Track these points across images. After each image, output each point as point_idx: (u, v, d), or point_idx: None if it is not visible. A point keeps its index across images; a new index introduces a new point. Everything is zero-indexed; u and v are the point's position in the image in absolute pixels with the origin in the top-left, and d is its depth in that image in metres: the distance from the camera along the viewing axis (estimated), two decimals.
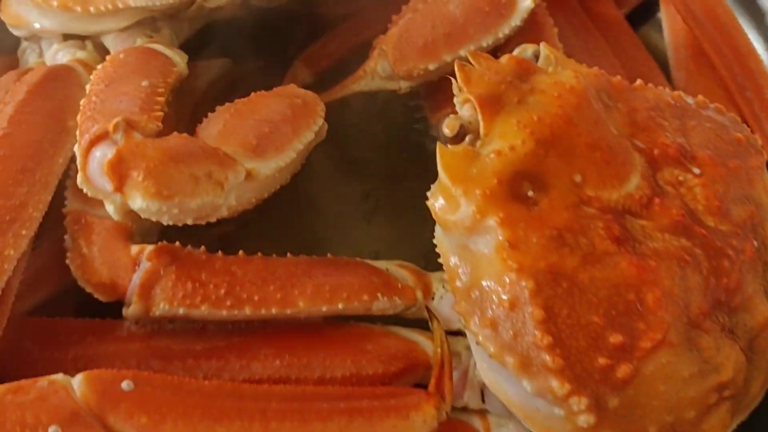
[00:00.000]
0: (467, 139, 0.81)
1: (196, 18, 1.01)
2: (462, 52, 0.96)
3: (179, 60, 0.91)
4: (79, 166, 0.75)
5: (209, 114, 0.84)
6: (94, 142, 0.74)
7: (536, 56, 0.87)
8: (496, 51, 1.01)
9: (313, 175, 0.95)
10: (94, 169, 0.74)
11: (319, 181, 1.04)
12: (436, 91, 1.03)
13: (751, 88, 1.06)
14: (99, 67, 0.87)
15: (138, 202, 0.72)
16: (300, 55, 1.13)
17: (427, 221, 0.79)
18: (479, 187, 0.75)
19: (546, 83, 0.82)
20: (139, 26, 0.96)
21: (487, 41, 0.97)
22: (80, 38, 0.98)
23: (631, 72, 1.08)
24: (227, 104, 0.85)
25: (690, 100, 0.88)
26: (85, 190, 0.76)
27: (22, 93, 0.87)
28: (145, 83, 0.82)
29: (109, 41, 0.97)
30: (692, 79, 1.11)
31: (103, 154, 0.74)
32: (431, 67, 0.96)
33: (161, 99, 0.81)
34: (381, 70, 0.97)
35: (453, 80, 0.83)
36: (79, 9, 0.92)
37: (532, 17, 1.00)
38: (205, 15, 1.01)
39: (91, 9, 0.92)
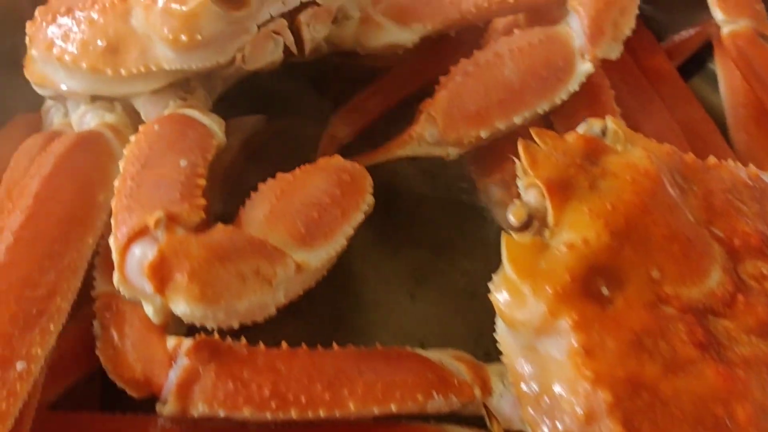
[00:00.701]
0: (533, 225, 0.74)
1: (231, 77, 0.95)
2: (516, 119, 0.91)
3: (217, 129, 0.84)
4: (115, 265, 0.69)
5: (252, 194, 0.78)
6: (132, 239, 0.68)
7: (603, 131, 0.81)
8: (547, 115, 0.96)
9: (354, 247, 0.88)
10: (133, 269, 0.68)
11: (360, 253, 0.97)
12: (484, 155, 0.97)
13: None
14: (132, 139, 0.81)
15: (181, 307, 0.66)
16: (336, 109, 1.07)
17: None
18: (550, 284, 0.69)
19: (618, 165, 0.76)
20: (172, 88, 0.90)
21: (543, 107, 0.92)
22: (109, 100, 0.92)
23: (690, 134, 1.02)
24: (271, 182, 0.79)
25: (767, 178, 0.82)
26: (121, 292, 0.70)
27: (49, 166, 0.80)
28: (183, 163, 0.75)
29: (139, 103, 0.91)
30: (754, 142, 1.05)
31: (143, 253, 0.67)
32: (483, 134, 0.90)
33: (201, 181, 0.74)
34: (429, 136, 0.91)
35: (516, 161, 0.76)
36: (109, 71, 0.86)
37: (588, 79, 0.94)
38: (240, 74, 0.94)
39: (122, 71, 0.86)
